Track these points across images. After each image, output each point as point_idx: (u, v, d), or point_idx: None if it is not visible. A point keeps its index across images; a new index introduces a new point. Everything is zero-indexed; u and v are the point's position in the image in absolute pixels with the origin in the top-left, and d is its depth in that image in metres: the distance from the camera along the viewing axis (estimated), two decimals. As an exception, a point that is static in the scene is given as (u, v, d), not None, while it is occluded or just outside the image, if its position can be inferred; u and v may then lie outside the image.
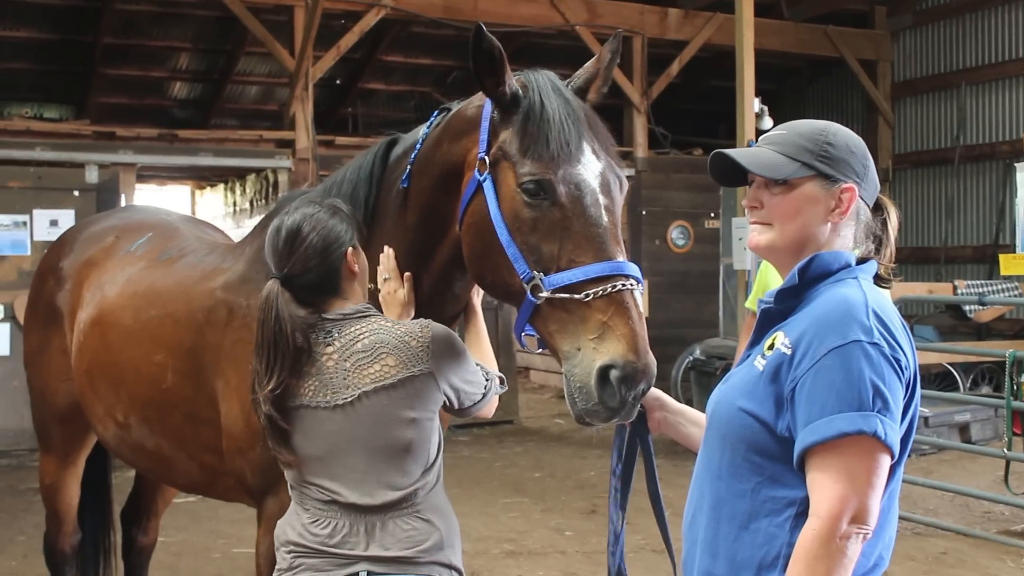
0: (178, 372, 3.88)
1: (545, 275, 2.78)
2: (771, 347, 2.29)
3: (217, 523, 8.26)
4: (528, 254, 2.83)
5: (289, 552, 2.93)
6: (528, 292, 2.79)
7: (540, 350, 2.97)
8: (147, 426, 4.11)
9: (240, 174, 15.72)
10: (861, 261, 2.39)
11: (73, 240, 4.96)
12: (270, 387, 2.84)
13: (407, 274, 3.26)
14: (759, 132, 10.21)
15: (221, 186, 17.53)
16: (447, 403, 2.97)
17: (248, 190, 15.70)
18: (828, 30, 15.63)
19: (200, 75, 17.40)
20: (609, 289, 2.71)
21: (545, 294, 2.76)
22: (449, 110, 3.30)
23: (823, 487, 2.14)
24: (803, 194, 2.36)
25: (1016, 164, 8.22)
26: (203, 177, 17.73)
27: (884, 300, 2.28)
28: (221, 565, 7.27)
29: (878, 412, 2.12)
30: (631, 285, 2.75)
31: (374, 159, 3.44)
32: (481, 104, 3.07)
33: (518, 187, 2.86)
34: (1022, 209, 7.90)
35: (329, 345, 2.89)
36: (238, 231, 14.48)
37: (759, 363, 2.31)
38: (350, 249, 2.98)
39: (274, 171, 13.19)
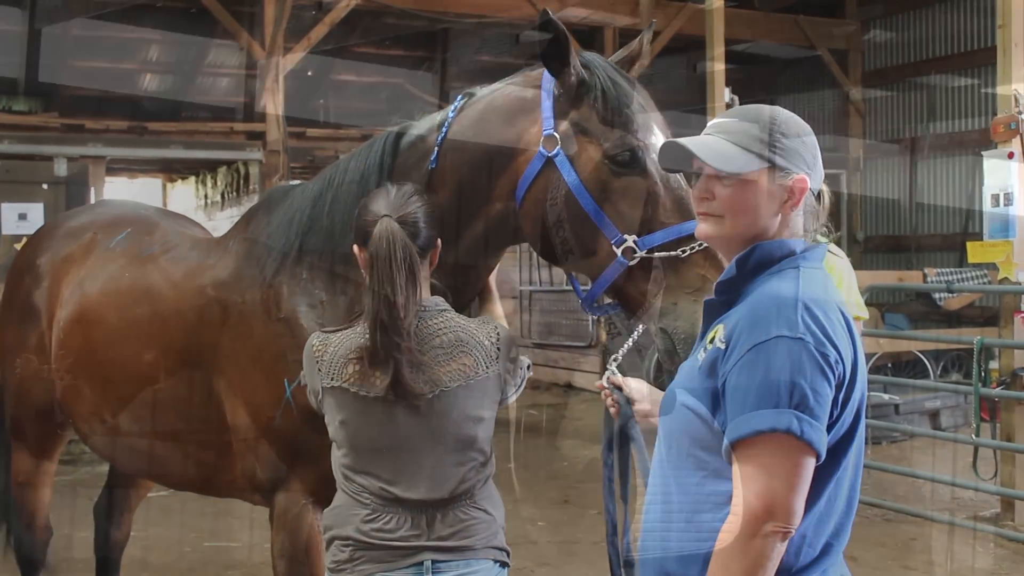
0: (171, 372, 3.81)
1: (638, 237, 2.90)
2: (712, 341, 2.26)
3: (188, 517, 8.22)
4: (618, 220, 2.95)
5: (348, 545, 2.91)
6: (619, 255, 2.91)
7: (598, 315, 3.13)
8: (138, 426, 4.03)
9: (211, 166, 15.64)
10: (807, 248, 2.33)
11: (50, 237, 4.81)
12: (402, 299, 2.80)
13: None
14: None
15: (192, 178, 17.43)
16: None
17: (219, 182, 15.61)
18: (799, 20, 15.69)
19: (170, 67, 17.29)
20: (700, 245, 2.84)
21: (641, 254, 2.88)
22: (472, 95, 3.37)
23: (743, 485, 2.11)
24: (757, 186, 2.28)
25: (984, 153, 8.26)
26: (174, 170, 17.64)
27: (821, 292, 2.21)
28: (192, 559, 7.23)
29: (796, 409, 2.07)
30: None
31: (383, 148, 3.45)
32: (537, 86, 3.18)
33: (605, 158, 2.98)
34: (990, 197, 7.93)
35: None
36: (210, 224, 14.39)
37: (700, 357, 2.29)
38: (440, 242, 3.03)
39: (245, 163, 13.15)
